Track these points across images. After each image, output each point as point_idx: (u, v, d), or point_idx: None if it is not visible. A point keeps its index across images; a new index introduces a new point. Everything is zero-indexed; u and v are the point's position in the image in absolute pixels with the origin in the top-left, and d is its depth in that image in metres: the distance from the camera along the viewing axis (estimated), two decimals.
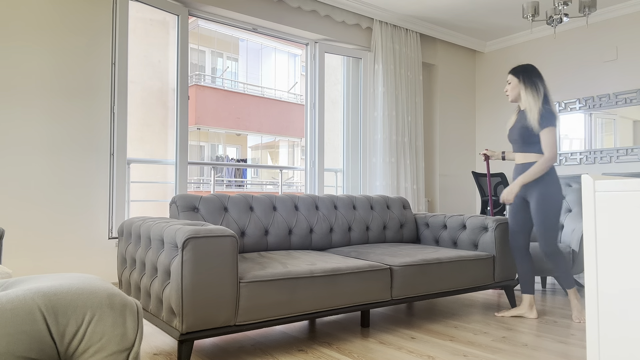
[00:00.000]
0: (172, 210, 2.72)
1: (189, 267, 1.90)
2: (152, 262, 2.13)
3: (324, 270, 2.30)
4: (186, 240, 1.89)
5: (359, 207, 3.37)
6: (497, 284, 3.06)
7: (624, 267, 1.16)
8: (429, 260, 2.71)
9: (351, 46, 5.03)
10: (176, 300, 1.90)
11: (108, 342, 1.00)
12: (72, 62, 3.40)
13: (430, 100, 5.87)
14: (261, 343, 2.36)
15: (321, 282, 2.29)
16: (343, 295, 2.36)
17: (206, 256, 1.94)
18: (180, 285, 1.89)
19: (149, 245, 2.20)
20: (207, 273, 1.94)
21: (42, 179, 3.27)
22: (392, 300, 2.58)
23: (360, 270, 2.43)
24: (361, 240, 3.31)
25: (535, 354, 2.20)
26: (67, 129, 3.38)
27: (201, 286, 1.92)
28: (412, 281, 2.63)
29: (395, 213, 3.53)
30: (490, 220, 3.10)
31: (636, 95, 4.79)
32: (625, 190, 1.16)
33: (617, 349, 1.16)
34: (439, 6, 4.93)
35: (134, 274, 2.34)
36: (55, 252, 3.31)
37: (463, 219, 3.27)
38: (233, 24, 4.38)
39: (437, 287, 2.75)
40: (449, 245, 3.32)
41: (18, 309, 0.93)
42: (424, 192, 5.36)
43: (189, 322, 1.91)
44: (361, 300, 2.44)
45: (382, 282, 2.52)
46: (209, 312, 1.94)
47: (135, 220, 2.46)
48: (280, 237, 2.91)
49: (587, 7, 3.89)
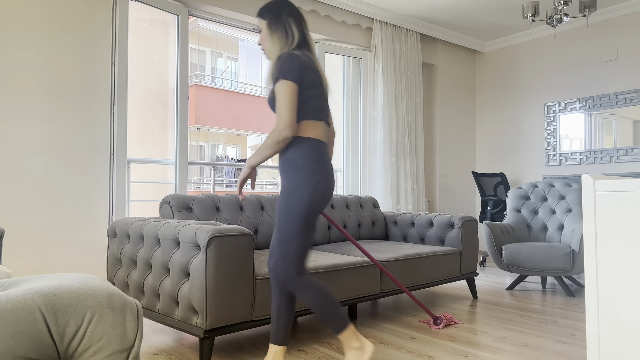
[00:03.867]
0: (164, 210, 2.73)
1: (212, 265, 1.94)
2: (162, 262, 2.16)
3: (325, 266, 2.44)
4: (210, 239, 1.94)
5: (337, 207, 3.54)
6: (463, 276, 3.33)
7: (624, 267, 1.16)
8: (410, 255, 2.93)
9: (351, 46, 5.03)
10: (199, 298, 1.95)
11: (108, 342, 1.00)
12: (72, 62, 3.40)
13: (430, 100, 5.87)
14: (261, 343, 2.36)
15: (323, 278, 2.42)
16: (341, 289, 2.51)
17: (228, 254, 2.00)
18: (205, 283, 1.94)
19: (156, 245, 2.22)
20: (228, 270, 2.00)
21: (42, 179, 3.27)
22: (381, 293, 2.75)
23: (355, 266, 2.59)
24: (340, 238, 3.50)
25: (535, 354, 2.20)
26: (67, 128, 3.38)
27: (223, 283, 1.98)
28: (398, 275, 2.83)
29: (368, 212, 3.72)
30: (457, 218, 3.32)
31: (636, 95, 4.79)
32: (625, 190, 1.16)
33: (617, 349, 1.16)
34: (439, 6, 4.93)
35: (133, 274, 2.35)
36: (55, 252, 3.31)
37: (431, 217, 3.49)
38: (233, 24, 4.38)
39: (417, 280, 2.97)
40: (417, 242, 3.54)
41: (18, 309, 0.93)
42: (424, 192, 5.36)
43: (212, 319, 1.95)
44: (355, 293, 2.60)
45: (373, 276, 2.69)
46: (230, 309, 2.00)
47: (131, 220, 2.48)
48: (268, 237, 3.03)
49: (587, 7, 3.89)
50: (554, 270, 3.45)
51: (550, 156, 5.44)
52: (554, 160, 5.40)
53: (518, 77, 5.81)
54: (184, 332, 2.51)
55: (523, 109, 5.75)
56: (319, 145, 1.86)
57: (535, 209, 3.99)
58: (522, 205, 4.03)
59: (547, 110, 5.49)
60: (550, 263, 3.45)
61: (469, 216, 3.38)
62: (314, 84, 1.86)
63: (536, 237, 3.90)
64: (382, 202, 4.94)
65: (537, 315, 2.93)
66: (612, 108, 4.97)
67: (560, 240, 3.77)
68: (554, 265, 3.44)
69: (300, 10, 2.00)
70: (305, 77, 1.83)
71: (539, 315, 2.93)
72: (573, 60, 5.31)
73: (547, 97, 5.52)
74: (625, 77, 4.90)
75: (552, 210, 3.91)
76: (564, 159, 5.33)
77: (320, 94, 1.89)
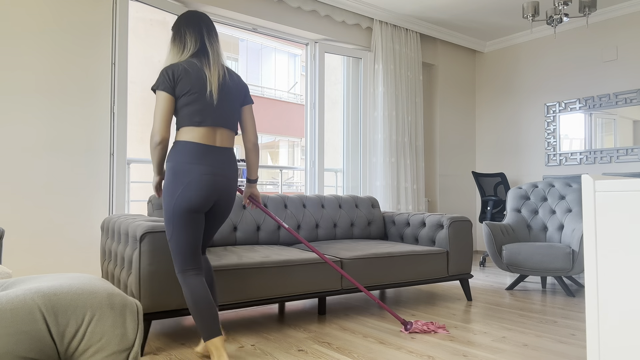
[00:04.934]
0: (148, 209, 2.96)
1: (145, 258, 2.17)
2: (121, 254, 2.40)
3: (275, 261, 2.56)
4: (143, 234, 2.16)
5: (327, 206, 3.58)
6: (453, 277, 3.29)
7: (624, 267, 1.16)
8: (379, 254, 2.95)
9: (351, 46, 5.03)
10: (135, 286, 2.18)
11: (108, 342, 1.00)
12: (72, 62, 3.40)
13: (430, 100, 5.87)
14: (261, 343, 2.36)
15: (273, 272, 2.55)
16: (297, 285, 2.63)
17: (161, 249, 2.20)
18: (139, 273, 2.16)
19: (120, 240, 2.47)
20: (161, 263, 2.20)
21: (42, 178, 3.27)
22: (343, 289, 2.81)
23: (311, 262, 2.68)
24: (328, 237, 3.52)
25: (535, 354, 2.20)
26: (67, 128, 3.38)
27: (156, 275, 2.19)
28: (362, 272, 2.87)
29: (363, 211, 3.73)
30: (446, 218, 3.31)
31: (636, 95, 4.79)
32: (625, 190, 1.16)
33: (618, 349, 1.16)
34: (439, 6, 4.93)
35: (110, 265, 2.61)
36: (55, 252, 3.31)
37: (423, 217, 3.48)
38: (233, 24, 4.38)
39: (388, 278, 2.99)
40: (411, 242, 3.54)
41: (18, 309, 0.93)
42: (424, 192, 5.36)
43: (145, 304, 2.17)
44: (314, 289, 2.69)
45: (334, 272, 2.76)
46: (164, 297, 2.21)
47: (114, 217, 2.71)
48: (248, 233, 3.15)
49: (587, 7, 3.89)
50: (554, 270, 3.45)
51: (550, 156, 5.44)
52: (554, 160, 5.40)
53: (518, 77, 5.81)
54: (183, 332, 2.52)
55: (523, 109, 5.75)
56: (194, 147, 1.94)
57: (535, 209, 3.99)
58: (522, 205, 4.03)
59: (547, 110, 5.50)
60: (550, 263, 3.45)
61: (461, 216, 3.34)
62: (191, 90, 1.94)
63: (536, 237, 3.90)
64: (383, 202, 4.94)
65: (537, 315, 2.93)
66: (612, 108, 4.97)
67: (560, 240, 3.77)
68: (554, 265, 3.44)
69: (205, 18, 2.09)
70: (178, 86, 1.93)
71: (539, 315, 2.93)
72: (573, 60, 5.31)
73: (547, 97, 5.52)
74: (625, 77, 4.90)
75: (552, 210, 3.91)
76: (564, 159, 5.33)
77: (200, 99, 1.95)
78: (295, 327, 2.66)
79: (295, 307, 3.15)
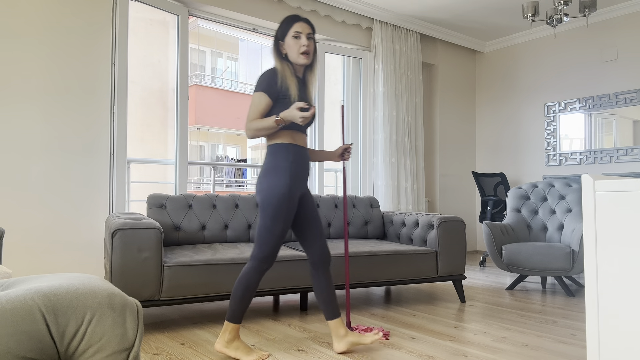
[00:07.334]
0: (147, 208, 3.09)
1: (117, 252, 2.34)
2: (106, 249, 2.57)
3: (247, 257, 2.64)
4: (114, 231, 2.34)
5: (323, 206, 3.59)
6: (443, 277, 3.26)
7: (624, 267, 1.16)
8: (359, 253, 2.97)
9: (351, 46, 5.03)
10: (109, 277, 2.38)
11: (108, 342, 1.00)
12: (72, 62, 3.40)
13: (430, 100, 5.87)
14: (261, 343, 2.36)
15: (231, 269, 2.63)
16: (270, 280, 2.70)
17: (132, 244, 2.36)
18: (111, 266, 2.34)
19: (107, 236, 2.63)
20: (132, 257, 2.36)
21: (42, 178, 3.27)
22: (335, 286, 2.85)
23: (285, 259, 2.74)
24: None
25: (535, 354, 2.20)
26: (67, 128, 3.38)
27: (127, 267, 2.35)
28: (339, 271, 2.91)
29: (361, 211, 3.73)
30: (436, 218, 3.30)
31: (636, 95, 4.79)
32: (625, 190, 1.16)
33: (617, 349, 1.16)
34: (439, 6, 4.93)
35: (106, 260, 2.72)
36: (55, 252, 3.31)
37: (417, 217, 3.48)
38: (233, 24, 4.38)
39: (368, 277, 3.00)
40: (406, 242, 3.53)
41: (18, 309, 0.93)
42: (424, 192, 5.36)
43: None
44: (289, 284, 2.75)
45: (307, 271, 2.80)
46: (135, 288, 2.37)
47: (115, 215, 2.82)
48: (239, 231, 3.20)
49: (587, 7, 3.89)
50: (554, 270, 3.45)
51: (550, 156, 5.44)
52: (554, 160, 5.40)
53: (518, 77, 5.81)
54: (184, 332, 2.52)
55: (523, 109, 5.75)
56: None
57: (535, 209, 3.99)
58: (522, 205, 4.03)
59: (547, 110, 5.50)
60: (550, 263, 3.45)
61: (452, 217, 3.30)
62: None
63: (536, 237, 3.90)
64: (383, 202, 4.94)
65: (537, 315, 2.93)
66: (612, 108, 4.97)
67: (560, 240, 3.77)
68: (554, 265, 3.44)
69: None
70: None
71: (539, 315, 2.93)
72: (573, 60, 5.31)
73: (547, 97, 5.52)
74: (625, 77, 4.90)
75: (552, 210, 3.91)
76: (564, 159, 5.33)
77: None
78: (295, 327, 2.66)
79: (296, 308, 3.15)
